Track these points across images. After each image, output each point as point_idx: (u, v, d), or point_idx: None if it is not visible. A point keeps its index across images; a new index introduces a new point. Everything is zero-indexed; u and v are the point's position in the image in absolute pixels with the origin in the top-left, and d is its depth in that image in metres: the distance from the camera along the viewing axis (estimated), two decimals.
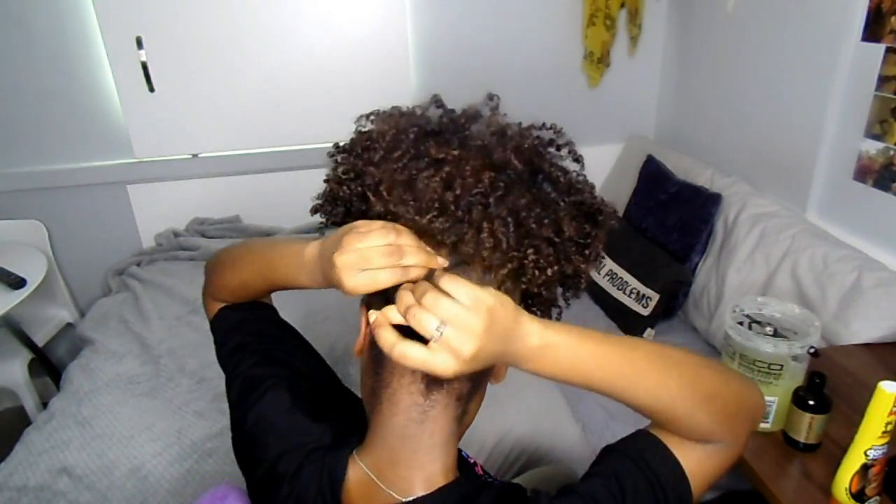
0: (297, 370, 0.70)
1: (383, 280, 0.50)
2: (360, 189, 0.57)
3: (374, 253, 0.49)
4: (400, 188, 0.53)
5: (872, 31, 1.53)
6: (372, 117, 0.60)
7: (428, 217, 0.52)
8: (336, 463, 0.59)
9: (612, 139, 2.58)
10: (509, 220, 0.52)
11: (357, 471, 0.58)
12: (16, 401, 2.05)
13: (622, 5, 2.31)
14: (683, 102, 2.40)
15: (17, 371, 1.96)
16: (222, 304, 0.76)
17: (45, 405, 1.61)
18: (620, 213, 2.32)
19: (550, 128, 0.60)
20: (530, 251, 0.53)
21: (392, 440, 0.56)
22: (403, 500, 0.55)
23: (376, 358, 0.56)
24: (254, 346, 0.71)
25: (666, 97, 2.51)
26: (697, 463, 0.55)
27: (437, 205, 0.52)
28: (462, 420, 0.58)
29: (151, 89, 2.10)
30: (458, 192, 0.52)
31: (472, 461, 0.70)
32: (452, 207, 0.52)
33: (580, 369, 0.51)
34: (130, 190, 2.26)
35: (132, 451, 1.40)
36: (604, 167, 2.61)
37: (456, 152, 0.53)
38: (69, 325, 2.27)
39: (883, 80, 1.51)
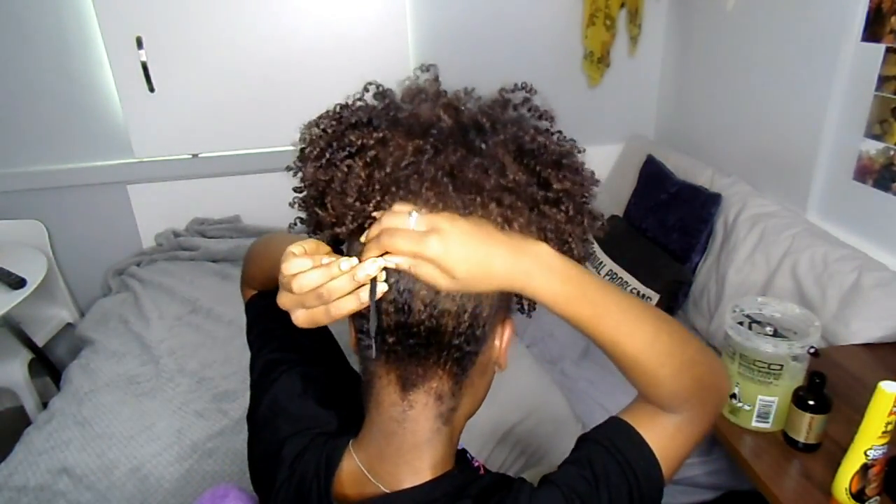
0: (314, 356, 0.73)
1: (321, 319, 0.52)
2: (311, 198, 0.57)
3: (308, 297, 0.51)
4: (335, 191, 0.53)
5: (872, 31, 1.53)
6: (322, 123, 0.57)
7: (367, 211, 0.51)
8: (334, 450, 0.61)
9: (612, 139, 2.58)
10: (444, 178, 0.49)
11: (351, 461, 0.59)
12: (16, 401, 2.05)
13: (622, 5, 2.31)
14: (683, 102, 2.40)
15: (17, 371, 1.96)
16: (255, 291, 0.80)
17: (45, 405, 1.61)
18: (620, 214, 2.32)
19: (522, 87, 0.57)
20: (492, 205, 0.49)
21: (378, 437, 0.58)
22: (389, 491, 0.56)
23: (361, 358, 0.58)
24: (277, 332, 0.74)
25: (666, 97, 2.51)
26: (668, 440, 0.55)
27: (369, 191, 0.51)
28: (450, 417, 0.57)
29: (151, 89, 2.10)
30: (387, 170, 0.50)
31: (476, 464, 0.70)
32: (388, 189, 0.50)
33: (588, 296, 0.51)
34: (130, 190, 2.26)
35: (132, 451, 1.40)
36: (604, 167, 2.61)
37: (380, 134, 0.51)
38: (69, 325, 2.27)
39: (883, 80, 1.51)
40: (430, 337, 0.52)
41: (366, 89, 0.56)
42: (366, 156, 0.51)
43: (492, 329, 0.55)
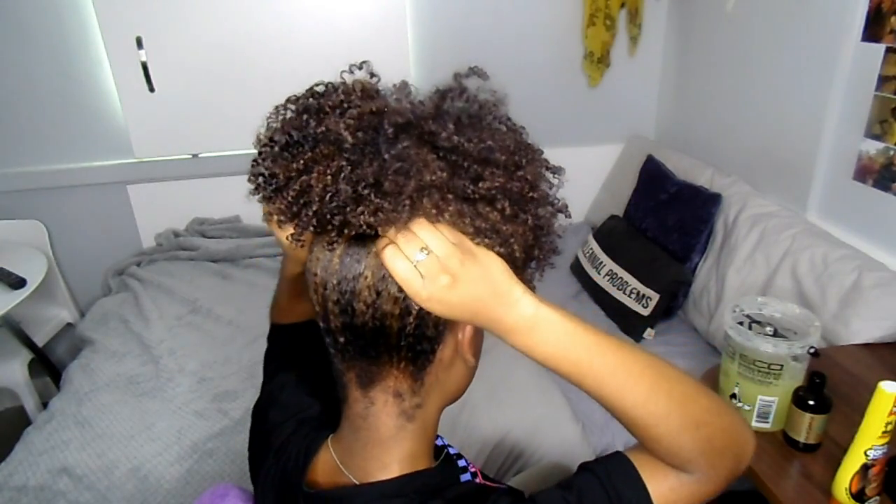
0: (314, 364, 0.77)
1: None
2: None
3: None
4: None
5: (872, 31, 1.53)
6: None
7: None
8: (313, 441, 0.63)
9: (612, 139, 2.58)
10: (367, 191, 0.48)
11: (327, 453, 0.61)
12: (16, 401, 2.06)
13: (622, 5, 2.31)
14: (683, 102, 2.40)
15: (17, 371, 1.96)
16: (274, 322, 0.85)
17: (45, 405, 1.61)
18: (620, 214, 2.32)
19: (474, 72, 0.55)
20: (423, 199, 0.49)
21: (348, 432, 0.59)
22: (357, 482, 0.57)
23: (329, 356, 0.59)
24: (287, 348, 0.81)
25: (666, 97, 2.51)
26: (669, 491, 0.53)
27: (301, 229, 0.52)
28: (415, 414, 0.57)
29: (151, 89, 2.10)
30: (314, 208, 0.50)
31: (473, 469, 0.70)
32: (322, 223, 0.50)
33: (571, 355, 0.50)
34: (130, 190, 2.26)
35: (132, 451, 1.40)
36: (604, 167, 2.61)
37: (301, 161, 0.51)
38: (69, 325, 2.27)
39: (883, 80, 1.51)
40: (377, 338, 0.52)
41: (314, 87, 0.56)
42: (290, 191, 0.51)
43: (449, 326, 0.55)
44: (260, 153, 0.55)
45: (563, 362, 0.51)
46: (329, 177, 0.49)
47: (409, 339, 0.52)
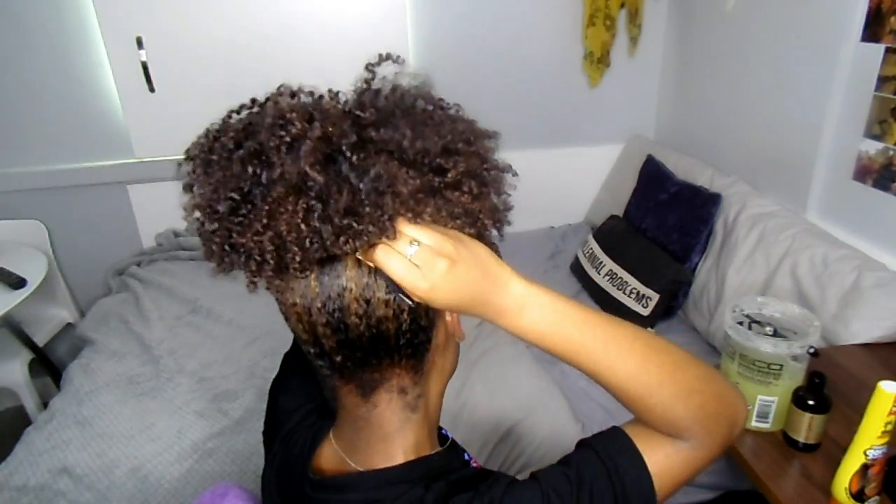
0: None
1: None
2: None
3: None
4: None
5: (872, 31, 1.53)
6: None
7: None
8: (319, 430, 0.64)
9: (612, 139, 2.58)
10: (346, 220, 0.47)
11: (330, 444, 0.62)
12: (16, 401, 2.06)
13: (622, 5, 2.32)
14: (683, 102, 2.40)
15: (18, 371, 1.96)
16: None
17: (45, 405, 1.62)
18: (620, 214, 2.33)
19: (388, 58, 0.56)
20: (402, 209, 0.48)
21: (349, 430, 0.59)
22: (362, 470, 0.58)
23: (319, 376, 0.60)
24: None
25: (666, 97, 2.51)
26: (664, 458, 0.54)
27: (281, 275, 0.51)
28: (418, 404, 0.58)
29: (151, 89, 2.10)
30: (298, 258, 0.48)
31: (474, 464, 0.70)
32: (306, 267, 0.50)
33: (562, 332, 0.52)
34: (130, 190, 2.26)
35: (132, 451, 1.41)
36: (604, 167, 2.61)
37: (263, 219, 0.48)
38: (69, 325, 2.27)
39: (883, 81, 1.51)
40: (377, 345, 0.52)
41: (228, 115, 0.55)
42: (266, 253, 0.49)
43: (437, 310, 0.55)
44: (201, 233, 0.53)
45: (556, 339, 0.52)
46: (300, 222, 0.47)
47: (407, 336, 0.53)
